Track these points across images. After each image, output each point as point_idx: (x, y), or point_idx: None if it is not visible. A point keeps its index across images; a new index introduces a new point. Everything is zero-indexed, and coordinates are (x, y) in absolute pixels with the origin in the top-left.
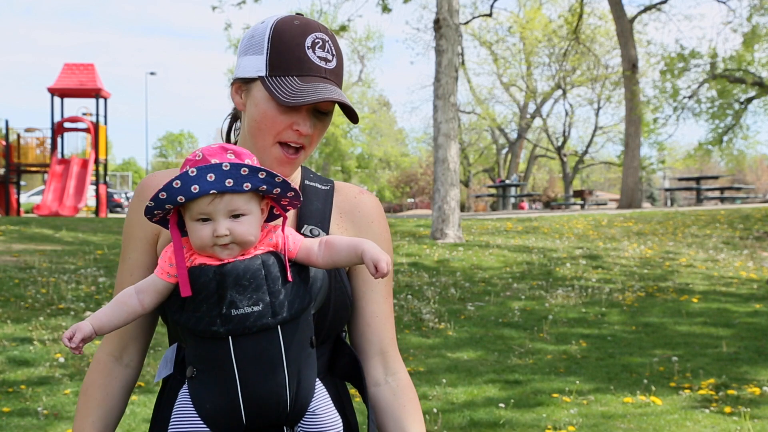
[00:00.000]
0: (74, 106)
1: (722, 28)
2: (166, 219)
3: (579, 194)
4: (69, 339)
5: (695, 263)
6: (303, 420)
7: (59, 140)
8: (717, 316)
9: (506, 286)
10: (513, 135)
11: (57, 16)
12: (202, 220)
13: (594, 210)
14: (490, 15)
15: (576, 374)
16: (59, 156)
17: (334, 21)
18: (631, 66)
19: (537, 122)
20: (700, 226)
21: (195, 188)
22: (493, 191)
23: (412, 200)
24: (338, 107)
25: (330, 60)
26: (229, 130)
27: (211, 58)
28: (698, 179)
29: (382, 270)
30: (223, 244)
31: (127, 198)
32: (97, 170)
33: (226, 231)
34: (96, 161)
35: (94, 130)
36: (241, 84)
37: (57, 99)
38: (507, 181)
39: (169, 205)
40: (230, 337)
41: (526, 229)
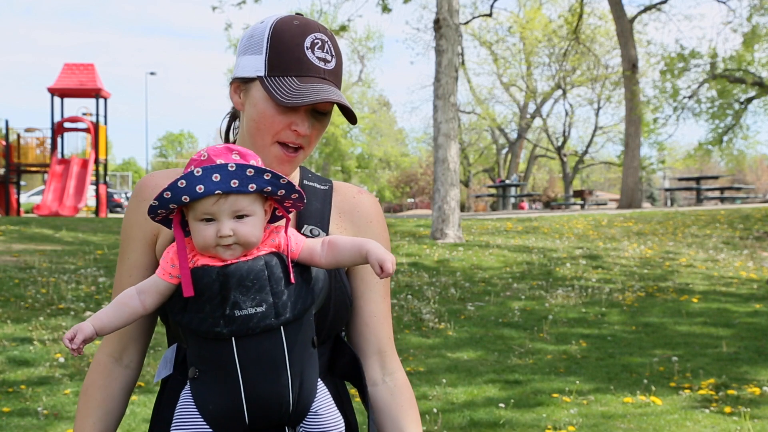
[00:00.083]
0: (74, 106)
1: (722, 28)
2: (169, 219)
3: (579, 194)
4: (70, 340)
5: (695, 263)
6: (305, 420)
7: (59, 140)
8: (717, 316)
9: (506, 286)
10: (513, 135)
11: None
12: (206, 220)
13: (594, 210)
14: (490, 15)
15: (576, 374)
16: (59, 156)
17: (334, 21)
18: (631, 66)
19: (537, 122)
20: (700, 226)
21: (200, 188)
22: (493, 191)
23: (412, 200)
24: (337, 108)
25: (329, 61)
26: (228, 130)
27: (211, 58)
28: (698, 179)
29: (388, 270)
30: (226, 245)
31: (127, 198)
32: (97, 170)
33: (230, 232)
34: (96, 161)
35: (94, 130)
36: (240, 84)
37: (57, 99)
38: (507, 181)
39: (173, 205)
40: (233, 338)
41: (526, 229)
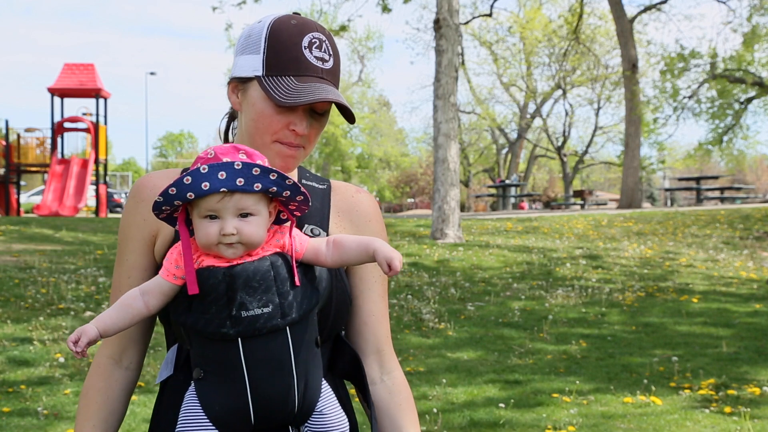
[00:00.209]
0: (74, 106)
1: (722, 28)
2: (173, 218)
3: (579, 194)
4: (74, 343)
5: (695, 263)
6: (310, 420)
7: (59, 140)
8: (717, 316)
9: (506, 286)
10: (513, 135)
11: (57, 16)
12: (210, 218)
13: (594, 210)
14: (490, 15)
15: (576, 374)
16: (59, 156)
17: (334, 21)
18: (631, 66)
19: (537, 122)
20: (700, 226)
21: (205, 185)
22: (493, 191)
23: (412, 200)
24: (335, 107)
25: (327, 60)
26: (227, 130)
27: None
28: (698, 179)
29: (396, 268)
30: (229, 243)
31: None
32: (97, 170)
33: (234, 230)
34: (96, 161)
35: (94, 130)
36: (238, 83)
37: (57, 99)
38: (507, 181)
39: (178, 201)
40: (240, 339)
41: (526, 229)
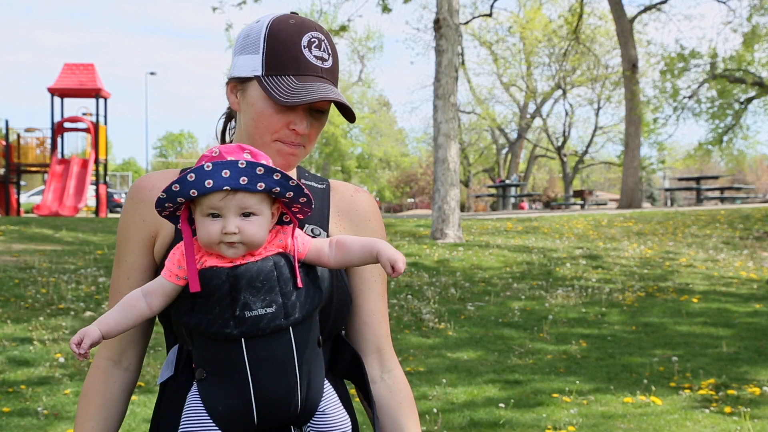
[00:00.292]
0: (74, 106)
1: (722, 28)
2: (175, 215)
3: (579, 194)
4: (77, 344)
5: (695, 263)
6: (313, 420)
7: (59, 140)
8: (717, 316)
9: (506, 286)
10: (513, 135)
11: (57, 16)
12: (212, 216)
13: (594, 210)
14: (490, 15)
15: (576, 374)
16: (59, 156)
17: (334, 21)
18: (631, 66)
19: (537, 122)
20: (700, 226)
21: (209, 183)
22: (493, 191)
23: (412, 200)
24: (334, 107)
25: (326, 59)
26: (224, 130)
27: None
28: (698, 179)
29: (399, 270)
30: (230, 243)
31: None
32: (97, 170)
33: (236, 229)
34: (96, 161)
35: (94, 130)
36: (237, 83)
37: (57, 99)
38: (507, 181)
39: (181, 198)
40: (243, 339)
41: (526, 229)
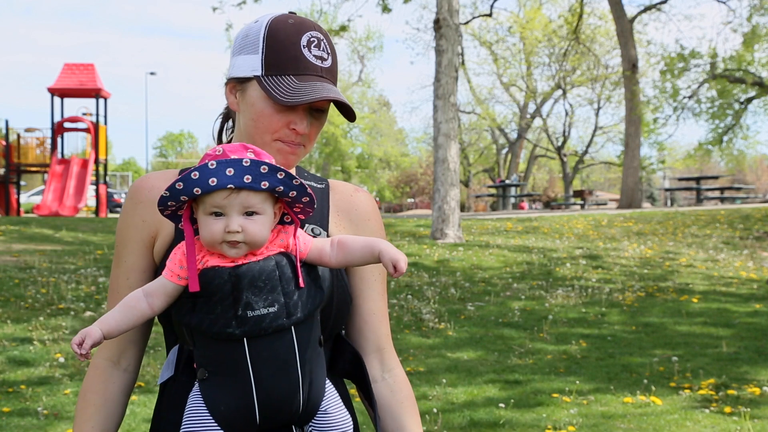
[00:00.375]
0: (74, 106)
1: (722, 28)
2: (177, 215)
3: (579, 194)
4: (79, 345)
5: (695, 263)
6: (315, 419)
7: (59, 140)
8: (717, 316)
9: (506, 286)
10: (513, 135)
11: (57, 16)
12: (215, 215)
13: (594, 210)
14: (490, 15)
15: (576, 374)
16: (59, 156)
17: (334, 21)
18: (631, 66)
19: (537, 122)
20: (700, 226)
21: (213, 181)
22: (493, 191)
23: (412, 200)
24: (333, 106)
25: (326, 59)
26: (221, 131)
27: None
28: (698, 179)
29: (401, 270)
30: (233, 242)
31: None
32: (97, 170)
33: (239, 227)
34: (96, 161)
35: (94, 130)
36: (236, 84)
37: (57, 99)
38: (507, 181)
39: (184, 197)
40: (245, 339)
41: (526, 229)
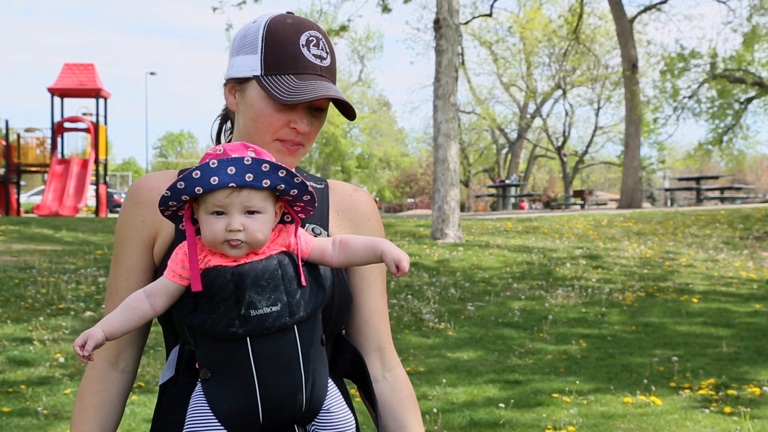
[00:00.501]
0: (74, 106)
1: (722, 28)
2: (177, 215)
3: (579, 194)
4: (81, 347)
5: (695, 263)
6: (318, 418)
7: (59, 140)
8: (717, 316)
9: (506, 286)
10: (513, 135)
11: (57, 16)
12: (217, 214)
13: (594, 210)
14: (490, 15)
15: (576, 374)
16: (59, 156)
17: (334, 21)
18: (631, 66)
19: (537, 122)
20: (700, 226)
21: (214, 180)
22: (493, 191)
23: (412, 200)
24: (333, 106)
25: (325, 57)
26: (219, 132)
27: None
28: (698, 179)
29: (404, 269)
30: (234, 241)
31: None
32: (97, 170)
33: (240, 226)
34: (96, 161)
35: (94, 130)
36: (235, 84)
37: (57, 99)
38: (507, 181)
39: (186, 196)
40: (248, 338)
41: (526, 229)
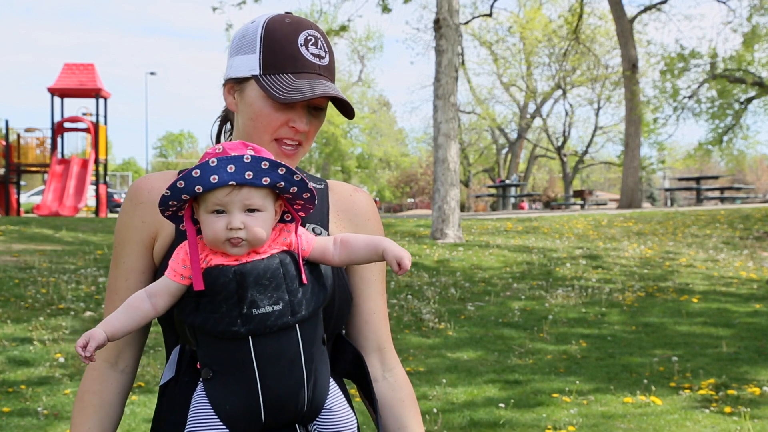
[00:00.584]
0: (74, 106)
1: (722, 28)
2: (178, 216)
3: (579, 194)
4: (83, 348)
5: (695, 263)
6: (319, 418)
7: (59, 140)
8: (717, 316)
9: (506, 286)
10: (513, 135)
11: (57, 16)
12: (217, 212)
13: (594, 210)
14: (490, 15)
15: (576, 374)
16: (59, 156)
17: (334, 21)
18: (631, 66)
19: (537, 122)
20: (700, 226)
21: (214, 178)
22: (493, 191)
23: (412, 200)
24: (332, 105)
25: (323, 56)
26: (219, 133)
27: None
28: (698, 179)
29: (406, 266)
30: (235, 239)
31: None
32: (97, 170)
33: (241, 224)
34: (96, 161)
35: (94, 130)
36: (234, 84)
37: (57, 99)
38: (507, 181)
39: (186, 195)
40: (250, 337)
41: (526, 229)
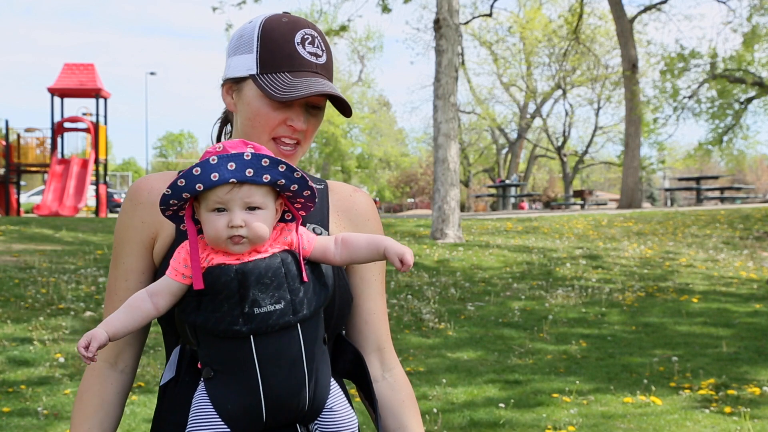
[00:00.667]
0: (74, 106)
1: (722, 28)
2: (178, 215)
3: (579, 194)
4: (85, 348)
5: (695, 263)
6: (320, 417)
7: (59, 140)
8: (717, 316)
9: (506, 286)
10: (513, 135)
11: (57, 16)
12: (218, 211)
13: (594, 210)
14: (490, 15)
15: (576, 374)
16: (59, 156)
17: (334, 21)
18: (631, 66)
19: (537, 122)
20: (700, 226)
21: (215, 176)
22: (493, 191)
23: (412, 200)
24: (330, 105)
25: (320, 55)
26: (219, 134)
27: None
28: (698, 179)
29: (408, 263)
30: (236, 237)
31: None
32: (97, 170)
33: (242, 222)
34: (96, 161)
35: (94, 130)
36: (232, 84)
37: (57, 99)
38: (507, 181)
39: (186, 194)
40: (251, 336)
41: (526, 229)
